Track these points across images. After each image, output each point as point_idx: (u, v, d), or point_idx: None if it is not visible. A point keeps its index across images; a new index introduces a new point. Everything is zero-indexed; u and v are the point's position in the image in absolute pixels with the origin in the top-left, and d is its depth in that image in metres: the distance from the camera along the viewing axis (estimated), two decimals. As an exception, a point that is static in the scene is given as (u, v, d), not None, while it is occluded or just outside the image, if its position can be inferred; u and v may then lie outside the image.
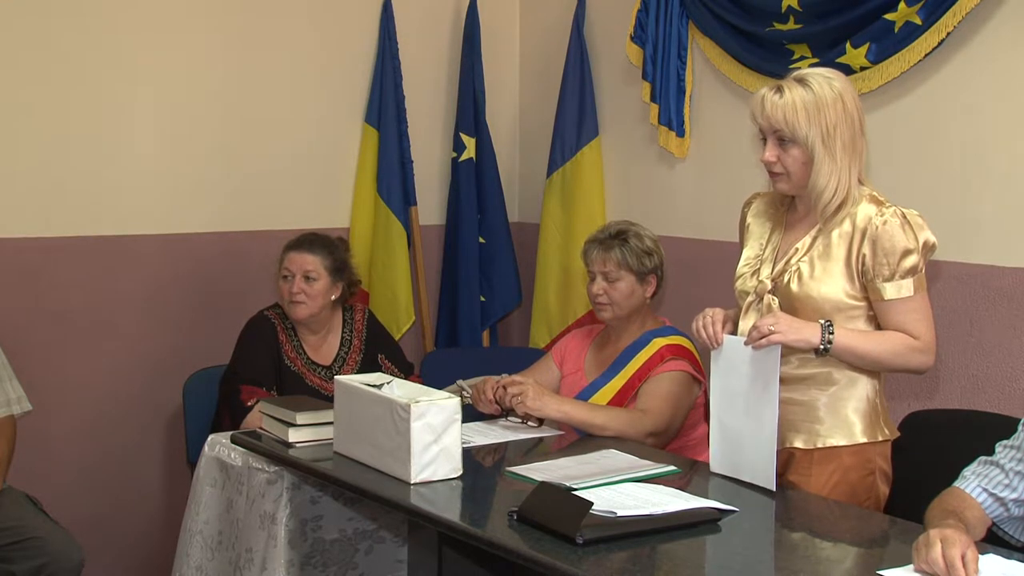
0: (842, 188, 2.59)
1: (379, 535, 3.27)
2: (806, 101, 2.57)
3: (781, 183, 2.66)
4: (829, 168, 2.58)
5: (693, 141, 4.15)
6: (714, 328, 2.68)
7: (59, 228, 3.94)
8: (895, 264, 2.56)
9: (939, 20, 3.27)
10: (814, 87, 2.58)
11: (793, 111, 2.57)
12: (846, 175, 2.59)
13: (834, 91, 2.58)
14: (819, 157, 2.57)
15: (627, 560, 2.18)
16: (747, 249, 2.80)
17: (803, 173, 2.61)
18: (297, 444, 2.93)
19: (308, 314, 3.67)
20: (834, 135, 2.57)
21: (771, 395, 2.56)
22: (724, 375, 2.68)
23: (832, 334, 2.55)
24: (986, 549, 2.16)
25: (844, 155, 2.59)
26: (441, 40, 4.72)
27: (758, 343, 2.54)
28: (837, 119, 2.57)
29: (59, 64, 3.90)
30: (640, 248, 3.27)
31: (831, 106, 2.57)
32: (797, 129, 2.57)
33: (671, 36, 4.09)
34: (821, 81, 2.60)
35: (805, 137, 2.57)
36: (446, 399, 2.66)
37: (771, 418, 2.56)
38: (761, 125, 2.64)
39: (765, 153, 2.63)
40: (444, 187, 4.74)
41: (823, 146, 2.57)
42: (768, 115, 2.60)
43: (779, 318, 2.55)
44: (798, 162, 2.60)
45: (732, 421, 2.66)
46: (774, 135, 2.61)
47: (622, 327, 3.32)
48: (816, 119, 2.56)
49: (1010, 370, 3.26)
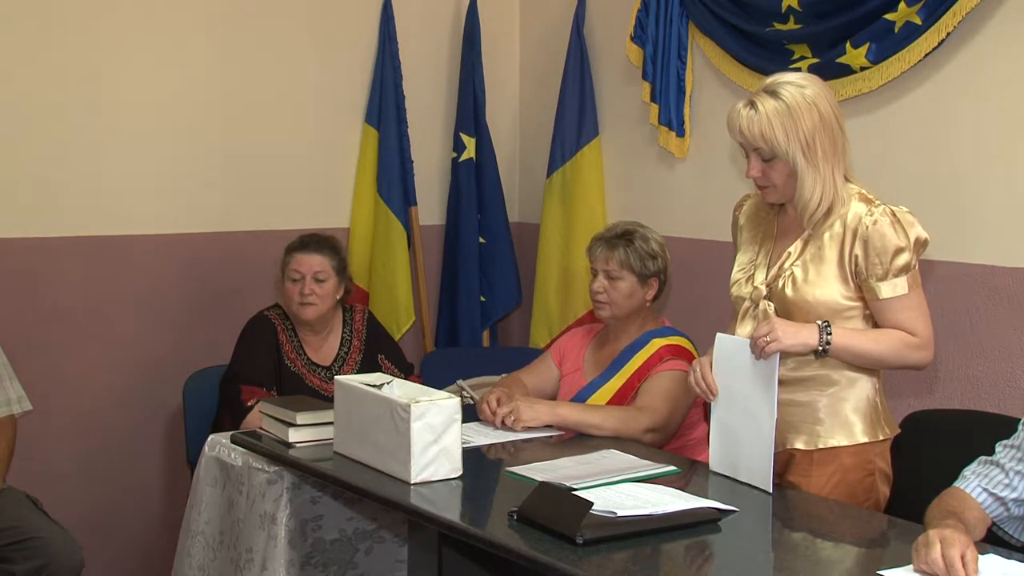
0: (828, 195, 2.59)
1: (379, 535, 3.27)
2: (781, 114, 2.55)
3: (770, 195, 2.66)
4: (813, 178, 2.57)
5: (693, 141, 4.15)
6: (705, 379, 2.69)
7: (59, 228, 3.94)
8: (888, 263, 2.55)
9: (939, 20, 3.27)
10: (786, 98, 2.55)
11: (770, 127, 2.55)
12: (831, 181, 2.59)
13: (807, 99, 2.56)
14: (802, 170, 2.57)
15: (627, 560, 2.18)
16: (741, 255, 2.81)
17: (790, 184, 2.60)
18: (297, 444, 2.93)
19: (318, 315, 3.68)
20: (814, 145, 2.55)
21: (770, 396, 2.56)
22: (724, 375, 2.68)
23: (830, 335, 2.55)
24: (986, 549, 2.16)
25: (826, 162, 2.57)
26: (441, 40, 4.72)
27: (763, 352, 2.54)
28: (814, 127, 2.55)
29: (59, 64, 3.90)
30: (645, 250, 3.28)
31: (806, 115, 2.55)
32: (776, 145, 2.56)
33: (671, 36, 4.09)
34: (793, 90, 2.57)
35: (785, 152, 2.56)
36: (446, 399, 2.67)
37: (769, 419, 2.56)
38: (740, 142, 2.63)
39: (750, 170, 2.63)
40: (444, 187, 4.74)
41: (804, 159, 2.56)
42: (744, 132, 2.59)
43: (774, 326, 2.54)
44: (783, 175, 2.59)
45: (731, 420, 2.66)
46: (755, 152, 2.60)
47: (621, 327, 3.32)
48: (793, 132, 2.54)
49: (1010, 370, 3.26)
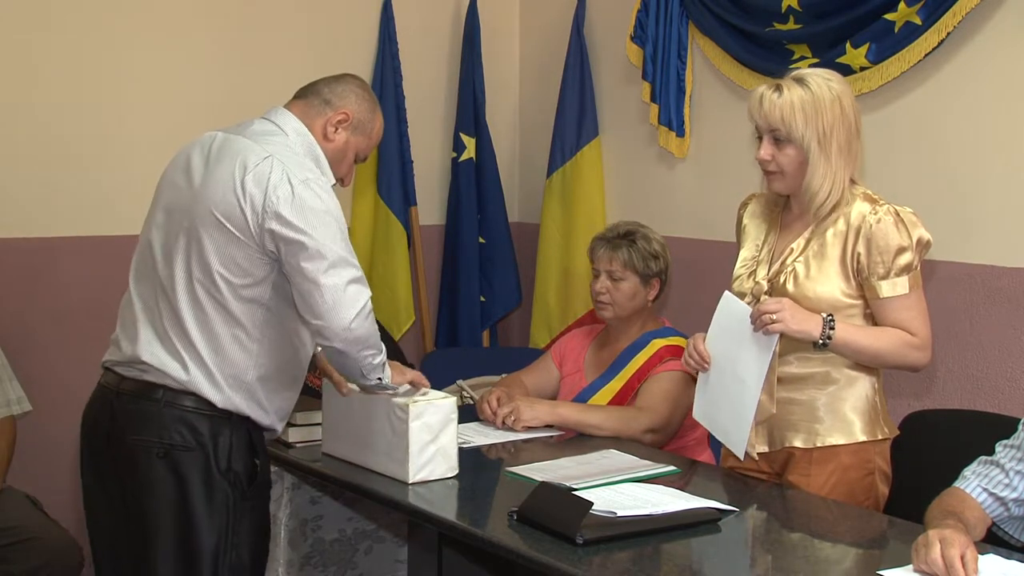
0: (836, 190, 2.59)
1: (379, 535, 3.27)
2: (804, 101, 2.56)
3: (776, 182, 2.66)
4: (824, 170, 2.58)
5: (693, 141, 4.15)
6: (697, 349, 2.69)
7: (59, 228, 3.94)
8: (890, 262, 2.56)
9: (939, 20, 3.27)
10: (813, 87, 2.58)
11: (791, 110, 2.56)
12: (840, 177, 2.59)
13: (832, 93, 2.58)
14: (814, 158, 2.57)
15: (627, 560, 2.18)
16: (743, 250, 2.80)
17: (798, 173, 2.60)
18: (297, 444, 2.93)
19: None
20: (830, 137, 2.57)
21: (761, 368, 2.54)
22: (720, 332, 2.67)
23: (833, 328, 2.55)
24: (986, 549, 2.16)
25: (839, 158, 2.58)
26: (441, 40, 4.72)
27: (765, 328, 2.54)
28: (834, 121, 2.57)
29: (59, 64, 3.90)
30: (647, 251, 3.28)
31: (829, 108, 2.57)
32: (794, 129, 2.56)
33: (671, 36, 4.09)
34: (820, 82, 2.59)
35: (801, 137, 2.56)
36: (442, 399, 2.66)
37: (755, 389, 2.55)
38: (758, 123, 2.63)
39: (760, 151, 2.63)
40: (444, 187, 4.73)
41: (819, 147, 2.56)
42: (765, 114, 2.59)
43: (784, 304, 2.54)
44: (794, 162, 2.59)
45: (718, 380, 2.66)
46: (770, 134, 2.61)
47: (622, 328, 3.32)
48: (813, 120, 2.56)
49: (1010, 370, 3.26)
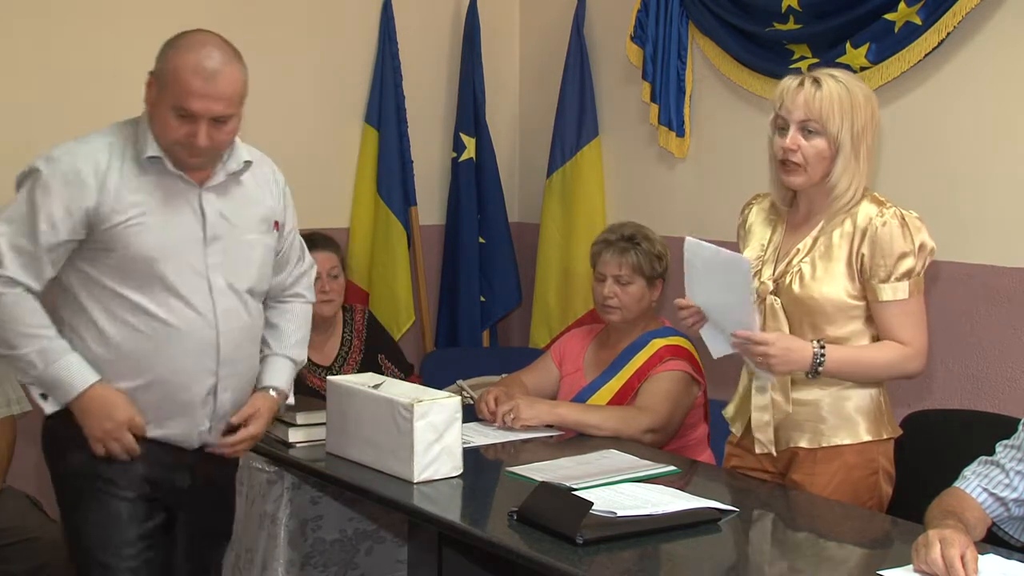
0: (858, 191, 2.58)
1: (379, 535, 3.27)
2: (842, 97, 2.54)
3: (796, 175, 2.59)
4: (853, 167, 2.56)
5: (693, 141, 4.15)
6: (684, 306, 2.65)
7: (59, 228, 3.93)
8: (891, 266, 2.55)
9: (939, 20, 3.27)
10: (848, 85, 2.56)
11: (830, 104, 2.53)
12: (860, 179, 2.58)
13: (864, 94, 2.58)
14: (845, 154, 2.55)
15: (627, 560, 2.18)
16: (748, 250, 2.77)
17: (821, 168, 2.57)
18: (297, 444, 2.93)
19: (335, 311, 3.70)
20: (862, 136, 2.56)
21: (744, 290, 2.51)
22: (697, 278, 2.63)
23: (821, 364, 2.53)
24: (986, 549, 2.16)
25: (866, 160, 2.57)
26: (441, 40, 4.72)
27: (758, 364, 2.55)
28: (866, 121, 2.56)
29: (59, 64, 3.89)
30: (652, 252, 3.28)
31: (863, 107, 2.56)
32: (830, 122, 2.54)
33: (671, 36, 4.09)
34: (854, 82, 2.59)
35: (836, 131, 2.54)
36: (447, 398, 2.67)
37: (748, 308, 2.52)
38: (788, 114, 2.57)
39: (786, 140, 2.56)
40: (444, 187, 4.73)
41: (851, 144, 2.55)
42: (806, 103, 2.54)
43: (770, 351, 2.51)
44: (819, 155, 2.55)
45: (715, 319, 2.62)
46: (800, 125, 2.56)
47: (623, 328, 3.32)
48: (849, 116, 2.54)
49: (1010, 370, 3.26)
